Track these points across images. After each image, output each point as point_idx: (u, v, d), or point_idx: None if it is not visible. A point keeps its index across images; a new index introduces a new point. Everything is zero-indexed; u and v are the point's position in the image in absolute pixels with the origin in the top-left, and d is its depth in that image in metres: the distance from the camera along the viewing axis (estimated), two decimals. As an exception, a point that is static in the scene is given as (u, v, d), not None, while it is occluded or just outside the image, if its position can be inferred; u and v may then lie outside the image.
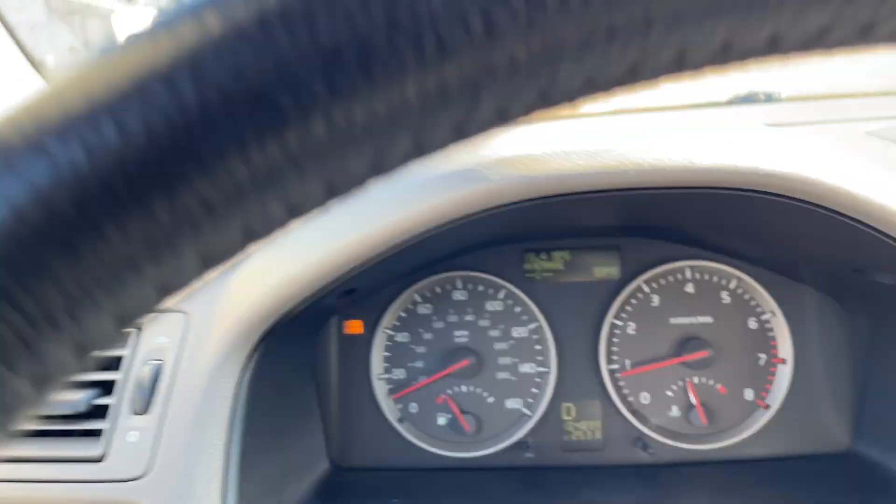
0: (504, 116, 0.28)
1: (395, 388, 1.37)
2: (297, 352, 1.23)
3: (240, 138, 0.24)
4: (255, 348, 1.04)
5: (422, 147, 0.28)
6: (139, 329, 1.11)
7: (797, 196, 0.84)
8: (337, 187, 0.29)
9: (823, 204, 0.84)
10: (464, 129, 0.28)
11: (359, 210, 0.94)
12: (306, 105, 0.24)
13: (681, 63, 0.27)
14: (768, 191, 0.83)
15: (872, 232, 0.87)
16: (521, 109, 0.28)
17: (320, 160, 0.26)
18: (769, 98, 2.13)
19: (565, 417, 1.36)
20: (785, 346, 1.33)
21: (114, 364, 1.08)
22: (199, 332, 1.08)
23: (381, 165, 0.28)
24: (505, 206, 0.85)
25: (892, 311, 1.17)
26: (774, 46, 0.27)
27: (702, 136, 0.85)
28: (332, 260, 0.93)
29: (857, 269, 1.09)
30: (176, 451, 0.99)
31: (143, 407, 1.02)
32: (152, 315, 1.13)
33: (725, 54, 0.27)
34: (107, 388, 1.07)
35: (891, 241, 0.90)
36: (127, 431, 1.02)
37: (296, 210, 0.28)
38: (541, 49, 0.25)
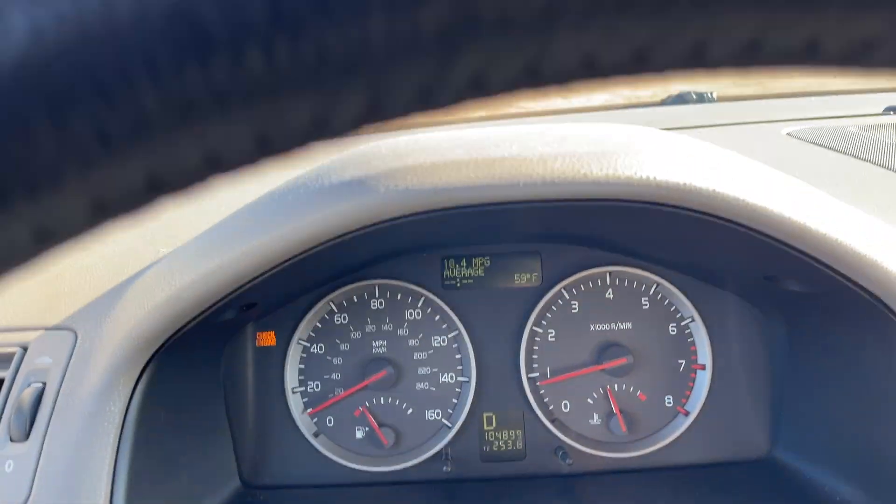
0: (482, 87, 0.22)
1: (311, 401, 1.32)
2: (201, 368, 1.17)
3: (150, 58, 0.19)
4: (146, 368, 0.98)
5: (378, 109, 0.22)
6: (24, 349, 1.05)
7: (695, 208, 0.81)
8: (271, 142, 0.23)
9: (719, 214, 0.82)
10: (432, 96, 0.22)
11: (246, 223, 0.89)
12: (241, 30, 0.19)
13: (696, 56, 0.22)
14: (665, 202, 0.81)
15: (771, 241, 0.86)
16: (500, 85, 0.22)
17: (252, 102, 0.21)
18: (701, 98, 2.14)
19: (486, 427, 1.33)
20: (704, 351, 1.32)
21: None
22: (87, 352, 1.01)
23: (327, 123, 0.22)
24: (391, 220, 0.81)
25: (807, 317, 1.17)
26: (813, 53, 0.22)
27: (599, 145, 0.82)
28: (221, 275, 0.88)
29: (769, 277, 1.08)
30: (55, 481, 0.93)
31: (22, 434, 0.96)
32: (38, 333, 1.06)
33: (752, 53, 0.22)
34: None
35: (791, 251, 0.88)
36: (4, 461, 0.95)
37: (217, 161, 0.22)
38: (542, 7, 0.20)
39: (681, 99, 2.11)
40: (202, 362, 1.17)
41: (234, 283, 0.88)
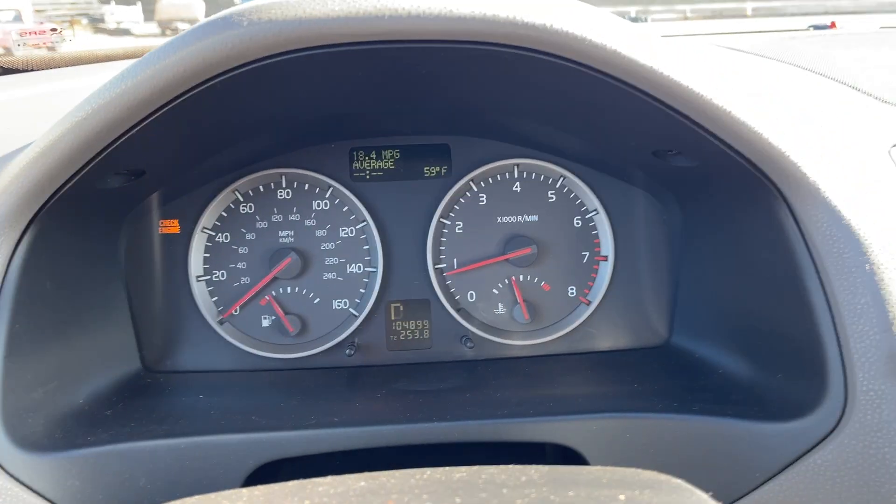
0: None
1: (218, 293, 1.31)
2: (96, 245, 1.15)
3: None
4: (27, 230, 0.96)
5: None
6: None
7: (561, 54, 0.81)
8: None
9: (589, 64, 0.82)
10: None
11: (118, 76, 0.87)
12: None
13: None
14: (532, 46, 0.80)
15: (649, 100, 0.86)
16: None
17: None
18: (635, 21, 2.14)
19: (393, 317, 1.34)
20: (607, 243, 1.34)
21: None
22: None
23: None
24: (263, 59, 0.80)
25: (698, 200, 1.19)
26: None
27: None
28: (88, 125, 0.86)
29: (657, 154, 1.10)
30: None
31: None
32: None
33: None
34: None
35: (671, 112, 0.89)
36: None
37: None
38: None
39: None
40: (97, 238, 1.15)
41: (104, 133, 0.87)
